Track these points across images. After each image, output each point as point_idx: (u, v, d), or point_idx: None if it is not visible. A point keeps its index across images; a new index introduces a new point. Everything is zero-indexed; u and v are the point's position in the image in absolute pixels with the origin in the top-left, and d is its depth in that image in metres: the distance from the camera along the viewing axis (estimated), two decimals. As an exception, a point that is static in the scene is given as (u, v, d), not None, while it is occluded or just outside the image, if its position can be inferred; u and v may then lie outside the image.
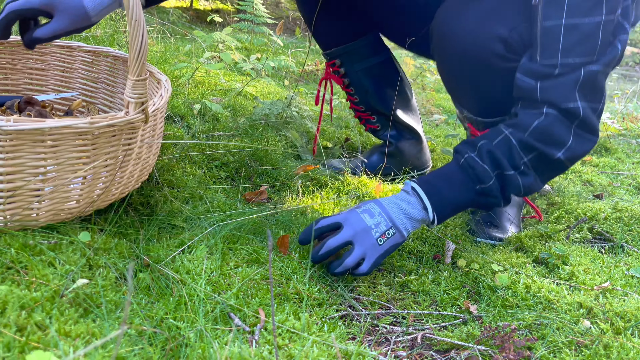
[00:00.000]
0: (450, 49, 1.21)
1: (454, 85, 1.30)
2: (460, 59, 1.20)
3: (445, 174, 1.13)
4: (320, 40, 1.64)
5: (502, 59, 1.16)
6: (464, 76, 1.23)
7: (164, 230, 1.13)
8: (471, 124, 1.37)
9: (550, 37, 1.04)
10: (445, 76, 1.30)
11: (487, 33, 1.15)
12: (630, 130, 2.65)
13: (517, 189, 1.11)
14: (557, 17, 1.03)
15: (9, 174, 0.90)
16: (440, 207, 1.10)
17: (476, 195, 1.11)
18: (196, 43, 2.69)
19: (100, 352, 0.73)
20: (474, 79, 1.22)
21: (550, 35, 1.04)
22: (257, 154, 1.59)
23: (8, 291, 0.80)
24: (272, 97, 2.32)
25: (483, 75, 1.19)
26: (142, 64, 0.93)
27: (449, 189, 1.10)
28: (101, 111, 1.41)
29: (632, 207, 1.54)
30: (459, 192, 1.11)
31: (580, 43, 1.03)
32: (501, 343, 0.92)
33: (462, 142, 1.17)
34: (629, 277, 1.17)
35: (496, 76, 1.19)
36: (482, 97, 1.27)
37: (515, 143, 1.08)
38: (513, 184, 1.10)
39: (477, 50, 1.16)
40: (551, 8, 1.04)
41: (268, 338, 0.87)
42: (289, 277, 1.05)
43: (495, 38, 1.14)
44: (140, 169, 1.12)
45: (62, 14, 1.10)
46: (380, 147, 1.76)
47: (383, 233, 1.06)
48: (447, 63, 1.25)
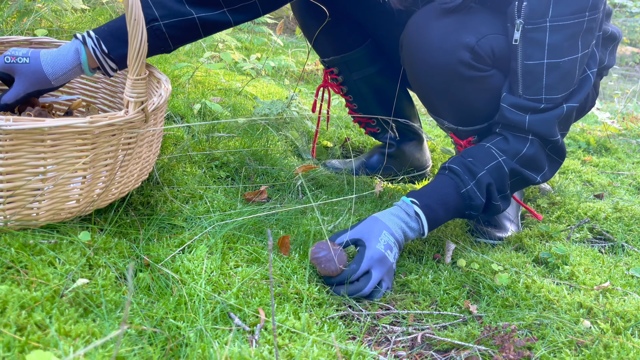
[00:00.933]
0: (418, 59, 1.22)
1: (426, 95, 1.30)
2: (428, 68, 1.21)
3: (445, 200, 1.17)
4: (317, 48, 1.63)
5: (469, 67, 1.17)
6: (434, 86, 1.24)
7: (164, 230, 1.13)
8: (453, 134, 1.38)
9: (533, 76, 1.13)
10: (417, 87, 1.31)
11: (453, 41, 1.16)
12: (630, 130, 2.65)
13: (495, 213, 1.22)
14: (539, 57, 1.11)
15: (9, 173, 0.90)
16: (431, 229, 1.17)
17: (461, 215, 1.20)
18: (196, 42, 2.69)
19: (100, 351, 0.73)
20: (444, 88, 1.23)
21: (533, 73, 1.13)
22: (257, 153, 1.59)
23: (8, 291, 0.80)
24: (272, 96, 2.32)
25: (452, 83, 1.20)
26: (142, 63, 0.93)
27: (444, 214, 1.17)
28: (101, 111, 1.41)
29: (632, 207, 1.54)
30: (452, 215, 1.19)
31: (561, 80, 1.13)
32: (501, 343, 0.92)
33: (458, 161, 1.19)
34: (629, 277, 1.17)
35: (465, 85, 1.20)
36: (455, 107, 1.28)
37: (507, 171, 1.17)
38: (493, 210, 1.21)
39: (444, 59, 1.17)
40: (532, 49, 1.11)
41: (268, 338, 0.87)
42: (289, 277, 1.04)
43: (462, 46, 1.15)
44: (140, 169, 1.12)
45: (21, 77, 1.13)
46: (380, 148, 1.76)
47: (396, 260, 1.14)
48: (416, 73, 1.25)
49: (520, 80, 1.15)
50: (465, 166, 1.18)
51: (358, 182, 1.63)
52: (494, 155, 1.18)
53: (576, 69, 1.13)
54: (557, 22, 1.08)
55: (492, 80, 1.21)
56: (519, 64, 1.13)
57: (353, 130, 2.13)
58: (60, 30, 2.04)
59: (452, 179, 1.18)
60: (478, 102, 1.24)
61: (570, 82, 1.14)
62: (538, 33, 1.10)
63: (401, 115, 1.68)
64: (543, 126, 1.15)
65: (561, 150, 1.22)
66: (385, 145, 1.74)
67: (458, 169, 1.18)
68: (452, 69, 1.17)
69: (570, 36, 1.09)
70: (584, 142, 2.36)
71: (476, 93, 1.22)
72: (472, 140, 1.36)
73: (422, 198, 1.16)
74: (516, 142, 1.17)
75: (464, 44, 1.15)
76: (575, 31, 1.09)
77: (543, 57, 1.11)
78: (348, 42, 1.58)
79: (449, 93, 1.23)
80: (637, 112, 2.93)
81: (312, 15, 1.55)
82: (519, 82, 1.15)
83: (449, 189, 1.17)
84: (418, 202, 1.15)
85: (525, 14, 1.09)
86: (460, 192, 1.16)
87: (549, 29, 1.09)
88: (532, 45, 1.11)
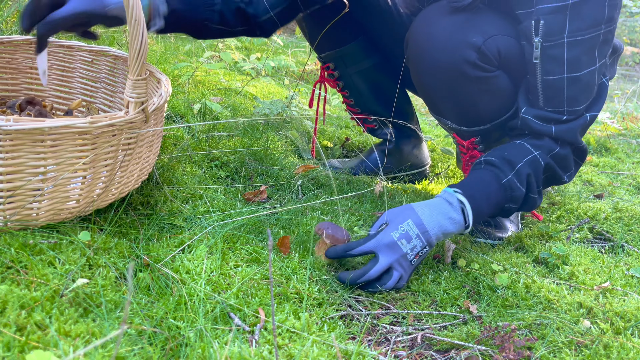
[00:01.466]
0: (423, 57, 1.22)
1: (429, 94, 1.30)
2: (433, 66, 1.20)
3: (487, 191, 1.15)
4: (314, 44, 1.64)
5: (474, 67, 1.16)
6: (438, 84, 1.23)
7: (163, 230, 1.13)
8: (456, 134, 1.38)
9: (554, 90, 1.14)
10: (420, 85, 1.30)
11: (460, 40, 1.16)
12: (630, 130, 2.65)
13: (530, 208, 1.23)
14: (559, 72, 1.12)
15: (9, 173, 0.90)
16: (475, 222, 1.13)
17: (500, 210, 1.18)
18: (196, 42, 2.69)
19: (100, 351, 0.73)
20: (448, 87, 1.22)
21: (554, 88, 1.14)
22: (257, 153, 1.59)
23: (8, 291, 0.80)
24: (272, 96, 2.32)
25: (456, 83, 1.20)
26: (142, 64, 0.93)
27: (487, 207, 1.14)
28: (101, 111, 1.41)
29: (632, 207, 1.54)
30: (493, 209, 1.16)
31: (582, 92, 1.15)
32: (501, 343, 0.92)
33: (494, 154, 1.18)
34: (629, 277, 1.17)
35: (470, 84, 1.19)
36: (458, 106, 1.28)
37: (543, 165, 1.17)
38: (530, 204, 1.21)
39: (450, 57, 1.17)
40: (551, 64, 1.12)
41: (268, 338, 0.87)
42: (289, 277, 1.04)
43: (468, 45, 1.15)
44: (140, 169, 1.12)
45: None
46: (379, 146, 1.76)
47: (417, 253, 1.09)
48: (421, 71, 1.25)
49: (541, 94, 1.16)
50: (502, 158, 1.16)
51: (358, 181, 1.63)
52: (530, 150, 1.17)
53: (595, 79, 1.15)
54: (574, 37, 1.09)
55: (497, 81, 1.21)
56: (539, 80, 1.15)
57: (353, 131, 2.13)
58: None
59: (492, 171, 1.16)
60: (482, 103, 1.24)
61: (590, 93, 1.16)
62: (556, 49, 1.10)
63: (398, 112, 1.68)
64: (569, 135, 1.18)
65: (584, 152, 1.25)
66: (382, 142, 1.75)
67: (496, 161, 1.16)
68: (458, 68, 1.17)
69: (587, 50, 1.10)
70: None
71: (480, 93, 1.22)
72: (474, 141, 1.36)
73: (465, 188, 1.13)
74: (549, 142, 1.19)
75: (470, 43, 1.15)
76: (592, 45, 1.10)
77: (563, 72, 1.12)
78: (343, 37, 1.58)
79: (453, 92, 1.23)
80: (637, 112, 2.93)
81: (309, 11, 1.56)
82: (539, 95, 1.16)
83: (490, 180, 1.15)
84: (461, 191, 1.12)
85: (543, 32, 1.10)
86: (501, 183, 1.14)
87: (567, 44, 1.09)
88: (551, 61, 1.12)
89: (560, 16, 1.07)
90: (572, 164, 1.23)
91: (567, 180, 1.25)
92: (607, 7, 1.07)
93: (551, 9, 1.07)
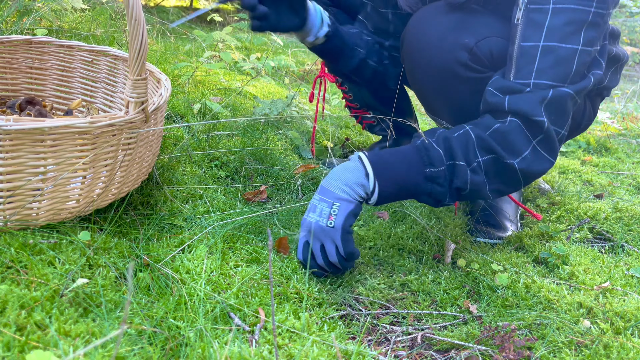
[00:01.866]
0: (417, 57, 1.22)
1: (423, 93, 1.30)
2: (426, 67, 1.20)
3: (397, 151, 1.09)
4: None
5: (466, 68, 1.16)
6: (431, 84, 1.24)
7: (163, 230, 1.13)
8: None
9: (526, 58, 1.06)
10: (415, 85, 1.31)
11: (452, 41, 1.15)
12: (630, 130, 2.65)
13: (464, 183, 1.07)
14: (536, 38, 1.05)
15: (9, 173, 0.90)
16: (383, 179, 1.05)
17: (424, 179, 1.07)
18: (196, 42, 2.68)
19: (100, 351, 0.73)
20: (441, 87, 1.22)
21: (527, 56, 1.06)
22: (257, 153, 1.59)
23: (8, 290, 0.80)
24: (272, 96, 2.32)
25: (449, 83, 1.20)
26: (142, 64, 0.93)
27: (397, 164, 1.06)
28: (101, 111, 1.41)
29: (632, 207, 1.54)
30: (407, 170, 1.06)
31: (554, 66, 1.05)
32: (501, 343, 0.92)
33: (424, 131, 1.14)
34: (629, 277, 1.17)
35: (462, 85, 1.19)
36: (451, 106, 1.28)
37: (474, 138, 1.06)
38: (461, 177, 1.07)
39: (442, 58, 1.17)
40: (531, 29, 1.06)
41: (268, 338, 0.87)
42: (289, 277, 1.04)
43: (460, 46, 1.15)
44: (140, 169, 1.12)
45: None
46: (378, 144, 1.76)
47: (329, 215, 1.04)
48: (414, 71, 1.25)
49: (514, 63, 1.08)
50: (427, 131, 1.11)
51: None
52: (462, 126, 1.09)
53: (573, 61, 1.05)
54: (560, 4, 1.04)
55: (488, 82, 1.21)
56: (516, 46, 1.08)
57: (353, 130, 2.13)
58: (60, 30, 2.04)
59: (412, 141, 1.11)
60: (475, 103, 1.24)
61: (562, 72, 1.06)
62: (539, 14, 1.05)
63: (397, 109, 1.68)
64: (523, 103, 1.04)
65: (550, 143, 1.07)
66: (382, 140, 1.75)
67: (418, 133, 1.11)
68: (450, 68, 1.17)
69: (571, 21, 1.04)
70: (584, 142, 2.36)
71: (472, 94, 1.22)
72: None
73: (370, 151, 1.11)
74: (489, 120, 1.08)
75: (462, 44, 1.15)
76: (578, 18, 1.04)
77: (540, 39, 1.05)
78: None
79: (445, 92, 1.23)
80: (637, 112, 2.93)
81: None
82: (512, 65, 1.08)
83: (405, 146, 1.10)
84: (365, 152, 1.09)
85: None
86: (414, 144, 1.08)
87: (551, 10, 1.05)
88: (532, 26, 1.06)
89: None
90: (522, 147, 1.06)
91: (523, 167, 1.06)
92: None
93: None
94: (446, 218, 1.41)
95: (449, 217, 1.42)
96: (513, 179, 1.09)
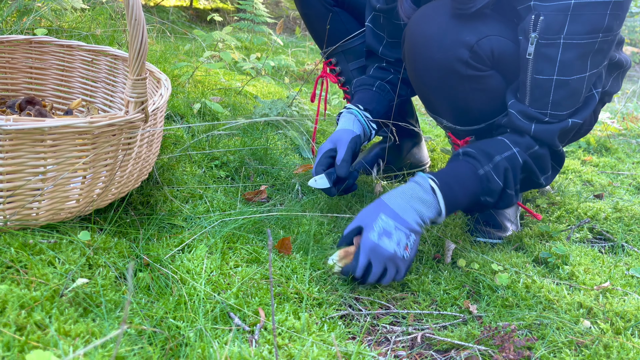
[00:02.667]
0: (418, 54, 1.22)
1: (424, 92, 1.30)
2: (427, 64, 1.21)
3: (462, 180, 1.14)
4: (317, 38, 1.65)
5: (466, 66, 1.17)
6: (432, 82, 1.24)
7: (163, 230, 1.13)
8: (451, 133, 1.38)
9: (541, 90, 1.14)
10: (416, 83, 1.31)
11: (453, 38, 1.16)
12: (630, 130, 2.65)
13: (506, 206, 1.21)
14: (549, 72, 1.12)
15: (9, 173, 0.90)
16: (449, 211, 1.12)
17: (476, 204, 1.17)
18: (196, 42, 2.68)
19: (100, 351, 0.73)
20: (441, 85, 1.23)
21: (542, 88, 1.14)
22: (257, 153, 1.59)
23: (8, 290, 0.80)
24: (272, 96, 2.32)
25: (449, 81, 1.20)
26: (142, 64, 0.93)
27: (462, 195, 1.13)
28: (101, 110, 1.41)
29: (632, 207, 1.54)
30: (468, 200, 1.14)
31: (568, 98, 1.14)
32: (501, 343, 0.92)
33: (472, 146, 1.18)
34: (629, 277, 1.17)
35: (462, 83, 1.20)
36: (452, 105, 1.28)
37: (521, 163, 1.17)
38: (506, 202, 1.19)
39: (443, 55, 1.17)
40: (543, 63, 1.11)
41: (268, 337, 0.87)
42: (289, 277, 1.04)
43: (462, 44, 1.15)
44: (140, 168, 1.12)
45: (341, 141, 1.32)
46: (379, 144, 1.76)
47: (405, 246, 1.08)
48: (415, 68, 1.26)
49: (528, 93, 1.15)
50: (480, 150, 1.16)
51: (358, 181, 1.63)
52: (509, 146, 1.17)
53: (583, 87, 1.14)
54: (571, 40, 1.08)
55: (490, 81, 1.21)
56: (529, 77, 1.14)
57: (353, 130, 2.13)
58: (60, 30, 2.04)
59: (468, 161, 1.16)
60: (475, 102, 1.24)
61: (576, 100, 1.15)
62: (551, 49, 1.10)
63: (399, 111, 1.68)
64: (547, 135, 1.17)
65: (561, 158, 1.24)
66: (382, 141, 1.75)
67: (473, 152, 1.16)
68: (450, 66, 1.17)
69: (581, 55, 1.10)
70: (584, 142, 2.36)
71: (473, 92, 1.22)
72: (469, 141, 1.36)
73: (439, 175, 1.13)
74: (528, 140, 1.18)
75: (463, 42, 1.15)
76: (586, 51, 1.10)
77: (553, 73, 1.12)
78: (346, 33, 1.59)
79: (446, 90, 1.23)
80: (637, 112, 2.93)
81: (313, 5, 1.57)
82: (527, 93, 1.16)
83: (466, 170, 1.14)
84: (436, 179, 1.11)
85: (541, 28, 1.09)
86: (477, 174, 1.14)
87: (562, 45, 1.09)
88: (544, 60, 1.11)
89: (560, 15, 1.07)
90: (549, 165, 1.22)
91: (544, 184, 1.24)
92: (608, 16, 1.06)
93: (553, 7, 1.07)
94: (446, 218, 1.41)
95: (449, 217, 1.42)
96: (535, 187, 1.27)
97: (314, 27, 1.63)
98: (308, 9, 1.61)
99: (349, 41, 1.60)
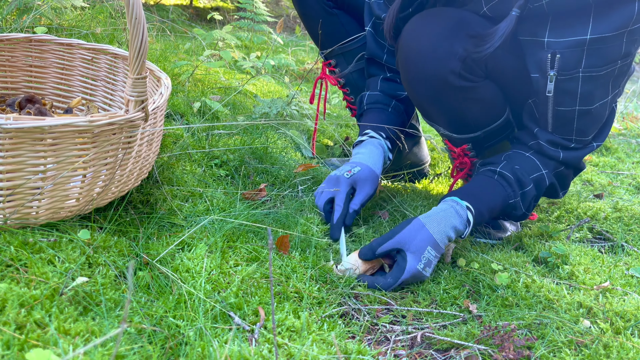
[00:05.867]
0: (411, 65, 1.22)
1: (419, 101, 1.30)
2: (420, 75, 1.21)
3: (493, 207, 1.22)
4: (316, 39, 1.65)
5: (458, 77, 1.16)
6: (426, 92, 1.24)
7: (163, 229, 1.13)
8: (448, 141, 1.38)
9: (564, 120, 1.18)
10: (410, 92, 1.30)
11: (446, 50, 1.15)
12: (630, 130, 2.65)
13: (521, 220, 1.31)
14: (571, 104, 1.14)
15: (9, 172, 0.90)
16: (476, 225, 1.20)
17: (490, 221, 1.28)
18: (196, 41, 2.68)
19: (99, 350, 0.73)
20: (435, 95, 1.23)
21: (565, 118, 1.18)
22: (257, 152, 1.59)
23: (7, 289, 0.80)
24: (272, 95, 2.32)
25: (442, 92, 1.20)
26: (142, 62, 0.93)
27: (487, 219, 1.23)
28: (101, 109, 1.40)
29: (632, 206, 1.54)
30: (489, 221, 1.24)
31: (592, 123, 1.19)
32: (501, 342, 0.92)
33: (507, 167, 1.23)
34: (629, 276, 1.17)
35: (455, 93, 1.20)
36: (446, 114, 1.28)
37: (547, 184, 1.25)
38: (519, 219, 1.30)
39: (435, 67, 1.17)
40: (564, 97, 1.13)
41: (268, 337, 0.87)
42: (289, 276, 1.04)
43: (453, 55, 1.14)
44: (140, 167, 1.12)
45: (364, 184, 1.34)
46: None
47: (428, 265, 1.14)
48: (409, 79, 1.25)
49: (550, 122, 1.19)
50: (514, 174, 1.22)
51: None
52: (538, 167, 1.23)
53: (606, 110, 1.18)
54: (589, 72, 1.08)
55: (483, 91, 1.21)
56: (550, 109, 1.16)
57: (353, 130, 2.13)
58: (60, 28, 2.03)
59: (504, 188, 1.22)
60: (470, 112, 1.25)
61: (599, 123, 1.20)
62: (571, 83, 1.10)
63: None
64: (575, 161, 1.25)
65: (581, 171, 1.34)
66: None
67: (510, 177, 1.21)
68: (443, 77, 1.17)
69: (601, 84, 1.11)
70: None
71: (467, 102, 1.22)
72: (466, 149, 1.36)
73: (477, 204, 1.18)
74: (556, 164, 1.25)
75: (455, 53, 1.15)
76: (607, 79, 1.10)
77: (575, 104, 1.13)
78: (346, 34, 1.59)
79: (440, 100, 1.23)
80: (637, 112, 2.94)
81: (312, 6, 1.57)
82: (549, 123, 1.19)
83: (499, 198, 1.21)
84: (473, 208, 1.17)
85: (559, 66, 1.09)
86: (508, 202, 1.22)
87: (582, 79, 1.09)
88: (564, 94, 1.13)
89: (577, 51, 1.06)
90: (570, 183, 1.31)
91: (561, 196, 1.32)
92: (624, 44, 1.05)
93: (569, 43, 1.06)
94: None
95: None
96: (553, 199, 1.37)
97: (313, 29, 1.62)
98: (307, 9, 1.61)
99: (348, 43, 1.60)
